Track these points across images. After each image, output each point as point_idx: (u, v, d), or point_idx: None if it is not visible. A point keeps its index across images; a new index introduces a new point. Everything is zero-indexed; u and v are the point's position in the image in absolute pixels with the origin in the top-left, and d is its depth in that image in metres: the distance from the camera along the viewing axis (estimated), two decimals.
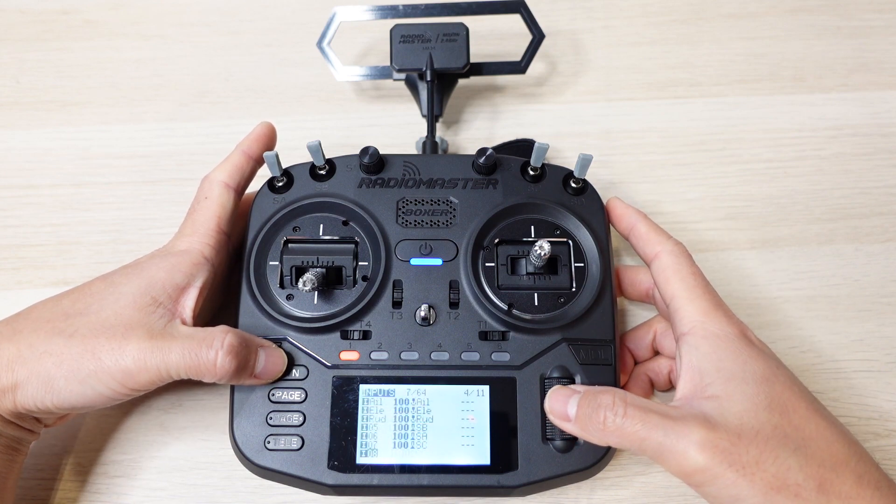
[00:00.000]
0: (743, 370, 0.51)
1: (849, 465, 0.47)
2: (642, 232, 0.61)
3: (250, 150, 0.64)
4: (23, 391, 0.52)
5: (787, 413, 0.49)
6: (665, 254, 0.58)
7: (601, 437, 0.50)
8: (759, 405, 0.49)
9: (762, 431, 0.47)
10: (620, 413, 0.49)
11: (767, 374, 0.51)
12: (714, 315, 0.54)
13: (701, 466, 0.46)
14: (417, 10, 0.75)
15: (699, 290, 0.56)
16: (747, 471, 0.46)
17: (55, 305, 0.56)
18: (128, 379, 0.52)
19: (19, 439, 0.56)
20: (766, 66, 0.82)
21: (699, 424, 0.47)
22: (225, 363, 0.53)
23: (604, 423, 0.49)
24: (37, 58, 0.84)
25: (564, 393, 0.53)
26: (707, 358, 0.52)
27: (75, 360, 0.52)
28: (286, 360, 0.58)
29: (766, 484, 0.46)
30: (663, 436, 0.47)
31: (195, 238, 0.59)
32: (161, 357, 0.52)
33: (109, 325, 0.54)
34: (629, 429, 0.48)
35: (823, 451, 0.48)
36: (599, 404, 0.50)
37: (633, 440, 0.48)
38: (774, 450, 0.47)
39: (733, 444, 0.46)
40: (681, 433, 0.47)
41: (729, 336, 0.53)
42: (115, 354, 0.52)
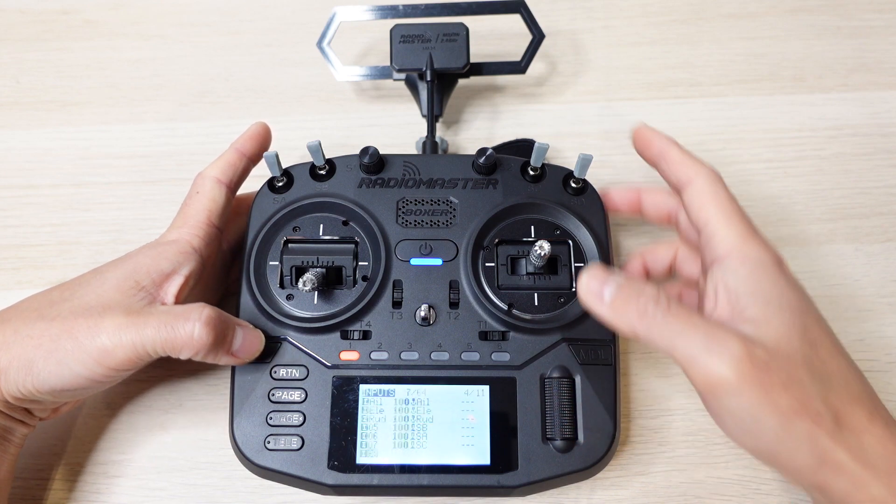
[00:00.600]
0: (780, 297, 0.50)
1: (862, 402, 0.48)
2: (675, 156, 0.58)
3: (244, 147, 0.64)
4: (5, 377, 0.52)
5: (816, 345, 0.49)
6: (700, 178, 0.56)
7: (634, 325, 0.49)
8: (794, 333, 0.49)
9: (794, 358, 0.48)
10: (664, 306, 0.49)
11: (801, 306, 0.51)
12: (752, 240, 0.53)
13: (729, 379, 0.46)
14: (417, 10, 0.75)
15: (737, 215, 0.54)
16: (773, 392, 0.46)
17: (44, 296, 0.56)
18: (104, 356, 0.52)
19: (10, 429, 0.56)
20: (766, 66, 0.82)
21: (739, 339, 0.47)
22: (203, 334, 0.53)
23: (643, 312, 0.49)
24: (37, 58, 0.84)
25: (604, 274, 0.52)
26: (745, 282, 0.51)
27: (53, 341, 0.52)
28: (263, 340, 0.58)
29: (788, 407, 0.46)
30: (703, 338, 0.47)
31: (185, 229, 0.59)
32: (137, 332, 0.52)
33: (90, 307, 0.54)
34: (669, 324, 0.48)
35: (843, 386, 0.48)
36: (643, 292, 0.50)
37: (668, 337, 0.48)
38: (801, 376, 0.47)
39: (766, 364, 0.46)
40: (721, 340, 0.47)
41: (766, 262, 0.52)
42: (91, 332, 0.52)
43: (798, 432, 0.46)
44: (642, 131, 0.61)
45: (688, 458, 0.63)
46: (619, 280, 0.51)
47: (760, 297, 0.50)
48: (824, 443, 0.46)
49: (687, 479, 0.63)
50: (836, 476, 0.46)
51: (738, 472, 0.63)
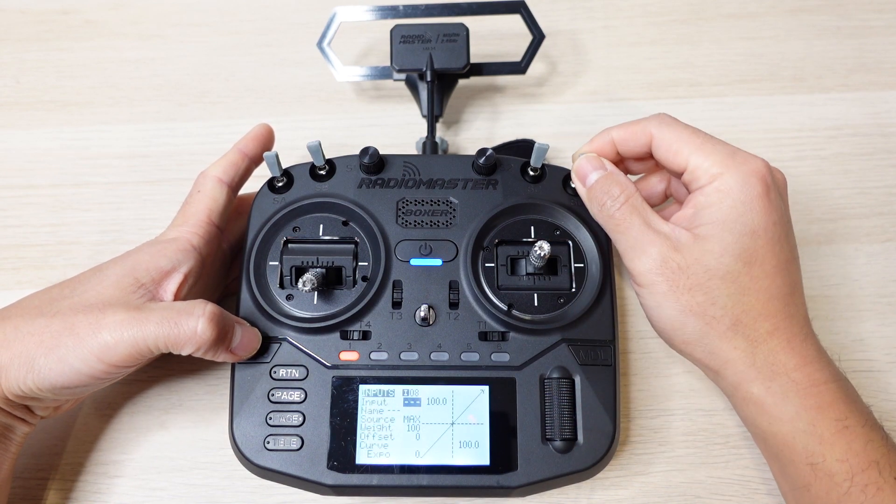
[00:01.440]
0: (736, 220, 0.54)
1: (771, 318, 0.54)
2: (622, 133, 0.60)
3: (246, 148, 0.64)
4: (6, 374, 0.52)
5: (752, 264, 0.54)
6: (655, 128, 0.59)
7: (595, 213, 0.59)
8: (728, 252, 0.54)
9: (714, 270, 0.54)
10: (618, 204, 0.57)
11: (758, 228, 0.55)
12: (733, 165, 0.56)
13: (646, 270, 0.55)
14: (418, 10, 0.75)
15: (709, 144, 0.57)
16: (678, 290, 0.54)
17: (45, 293, 0.57)
18: (105, 352, 0.52)
19: (11, 427, 0.56)
20: (766, 66, 0.82)
21: (666, 242, 0.55)
22: (206, 330, 0.53)
23: (602, 204, 0.58)
24: (37, 58, 0.84)
25: (595, 163, 0.59)
26: (709, 206, 0.55)
27: (54, 338, 0.52)
28: (260, 338, 0.59)
29: (686, 305, 0.54)
30: (635, 237, 0.56)
31: (185, 227, 0.60)
32: (138, 328, 0.52)
33: (90, 304, 0.54)
34: (616, 221, 0.57)
35: (759, 302, 0.54)
36: (608, 190, 0.58)
37: (613, 231, 0.58)
38: (714, 287, 0.54)
39: (680, 267, 0.54)
40: (649, 240, 0.55)
41: (744, 186, 0.55)
42: (92, 328, 0.52)
43: (690, 326, 0.55)
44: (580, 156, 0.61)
45: (688, 458, 0.63)
46: (602, 172, 0.59)
47: (713, 219, 0.55)
48: (713, 341, 0.55)
49: (687, 479, 0.63)
50: (724, 367, 0.55)
51: (738, 472, 0.63)
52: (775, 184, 0.57)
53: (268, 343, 0.59)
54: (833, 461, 0.52)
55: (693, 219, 0.56)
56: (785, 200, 0.58)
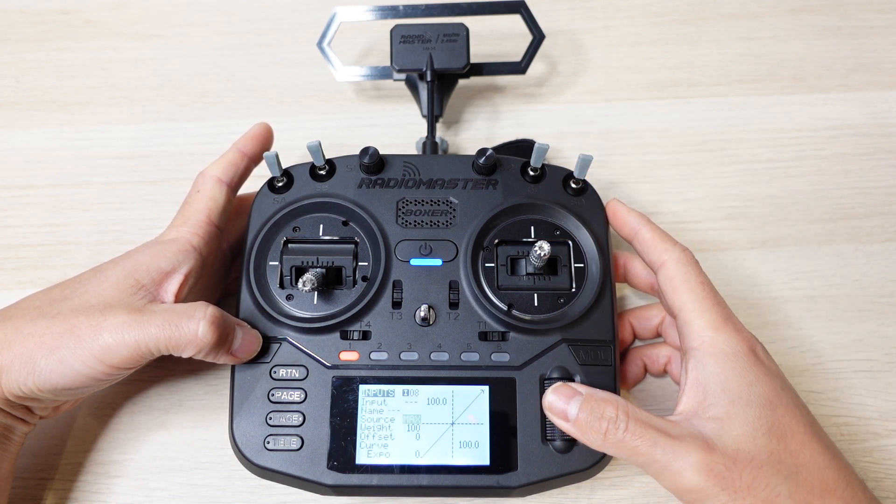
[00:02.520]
0: (748, 392, 0.51)
1: (836, 492, 0.49)
2: (646, 239, 0.59)
3: (246, 147, 0.64)
4: (7, 374, 0.52)
5: (786, 438, 0.50)
6: (671, 262, 0.57)
7: (600, 445, 0.52)
8: (758, 430, 0.50)
9: (758, 457, 0.49)
10: (622, 427, 0.50)
11: (772, 397, 0.51)
12: (724, 330, 0.54)
13: (695, 487, 0.48)
14: (418, 10, 0.75)
15: (708, 302, 0.55)
16: (739, 495, 0.48)
17: (46, 294, 0.56)
18: (106, 354, 0.52)
19: (11, 427, 0.56)
20: (766, 66, 0.82)
21: (698, 446, 0.49)
22: (207, 333, 0.53)
23: (605, 434, 0.51)
24: (37, 58, 0.84)
25: (566, 392, 0.54)
26: (714, 377, 0.52)
27: (55, 339, 0.52)
28: (261, 340, 0.58)
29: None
30: (662, 454, 0.49)
31: (184, 228, 0.60)
32: (140, 330, 0.52)
33: (91, 305, 0.54)
34: (629, 443, 0.50)
35: (814, 477, 0.49)
36: (602, 414, 0.51)
37: (632, 454, 0.50)
38: (767, 476, 0.48)
39: (728, 469, 0.48)
40: (679, 453, 0.49)
41: (738, 354, 0.53)
42: (93, 330, 0.52)
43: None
44: (614, 208, 0.62)
45: None
46: (579, 399, 0.53)
47: (727, 394, 0.51)
48: None
49: None
50: None
51: None
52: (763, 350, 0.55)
53: (268, 343, 0.59)
54: None
55: (703, 401, 0.52)
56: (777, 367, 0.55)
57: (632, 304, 0.69)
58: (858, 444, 0.63)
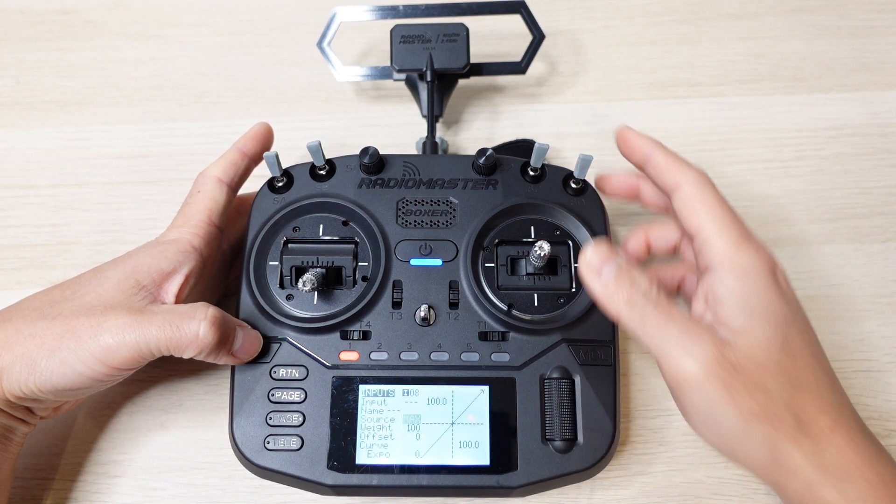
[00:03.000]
0: (766, 309, 0.51)
1: (829, 411, 0.50)
2: (660, 162, 0.58)
3: (246, 147, 0.64)
4: (7, 376, 0.52)
5: (795, 356, 0.50)
6: (688, 184, 0.56)
7: (620, 310, 0.51)
8: (773, 345, 0.50)
9: (766, 365, 0.49)
10: (652, 299, 0.50)
11: (787, 317, 0.51)
12: (744, 247, 0.53)
13: (694, 376, 0.48)
14: (417, 10, 0.75)
15: (727, 220, 0.54)
16: (735, 393, 0.48)
17: (45, 295, 0.56)
18: (107, 355, 0.52)
19: (11, 428, 0.56)
20: (766, 66, 0.82)
21: (711, 340, 0.49)
22: (208, 334, 0.53)
23: (631, 300, 0.51)
24: (37, 58, 0.84)
25: (607, 252, 0.52)
26: (732, 293, 0.51)
27: (56, 340, 0.52)
28: (261, 341, 0.59)
29: (749, 409, 0.48)
30: (678, 334, 0.49)
31: (185, 228, 0.60)
32: (140, 331, 0.52)
33: (91, 306, 0.54)
34: (652, 317, 0.50)
35: (813, 394, 0.50)
36: (636, 282, 0.51)
37: (649, 329, 0.50)
38: (770, 385, 0.49)
39: (733, 367, 0.48)
40: (693, 338, 0.49)
41: (758, 271, 0.52)
42: (94, 331, 0.52)
43: (756, 433, 0.48)
44: (625, 134, 0.60)
45: (688, 458, 0.63)
46: (620, 263, 0.52)
47: (745, 308, 0.51)
48: (781, 445, 0.48)
49: (687, 479, 0.63)
50: (791, 477, 0.49)
51: (738, 472, 0.63)
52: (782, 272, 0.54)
53: (268, 343, 0.59)
54: None
55: (718, 310, 0.52)
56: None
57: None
58: None
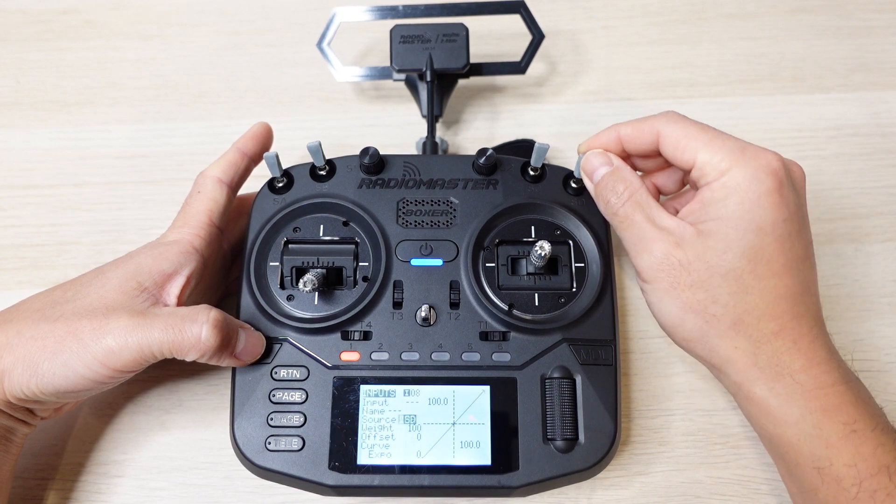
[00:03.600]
0: (742, 217, 0.53)
1: (778, 319, 0.53)
2: (629, 130, 0.59)
3: (245, 147, 0.64)
4: (10, 377, 0.52)
5: (759, 263, 0.53)
6: (663, 125, 0.57)
7: (602, 209, 0.59)
8: (731, 249, 0.53)
9: (716, 267, 0.53)
10: (623, 200, 0.57)
11: (766, 225, 0.53)
12: (742, 160, 0.53)
13: (648, 266, 0.55)
14: (417, 10, 0.75)
15: (718, 139, 0.55)
16: (679, 287, 0.54)
17: (46, 296, 0.56)
18: (110, 358, 0.52)
19: (12, 429, 0.56)
20: (766, 66, 0.82)
21: (668, 239, 0.54)
22: (210, 337, 0.53)
23: (608, 201, 0.58)
24: (37, 58, 0.84)
25: (602, 159, 0.59)
26: (716, 202, 0.54)
27: (58, 343, 0.52)
28: (264, 342, 0.59)
29: (686, 302, 0.54)
30: (645, 233, 0.55)
31: (185, 229, 0.60)
32: (143, 334, 0.52)
33: (93, 308, 0.54)
34: (620, 217, 0.57)
35: (765, 301, 0.53)
36: (612, 187, 0.58)
37: (618, 227, 0.57)
38: (715, 285, 0.53)
39: (682, 265, 0.54)
40: (651, 236, 0.55)
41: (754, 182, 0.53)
42: (96, 333, 0.52)
43: (690, 324, 0.54)
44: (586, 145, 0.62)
45: (688, 458, 0.63)
46: (609, 167, 0.59)
47: (719, 213, 0.53)
48: (713, 339, 0.54)
49: (687, 479, 0.63)
50: (727, 367, 0.54)
51: (738, 472, 0.63)
52: (789, 178, 0.54)
53: (269, 344, 0.59)
54: (840, 466, 0.51)
55: (699, 214, 0.54)
56: (801, 195, 0.56)
57: (634, 305, 0.69)
58: None
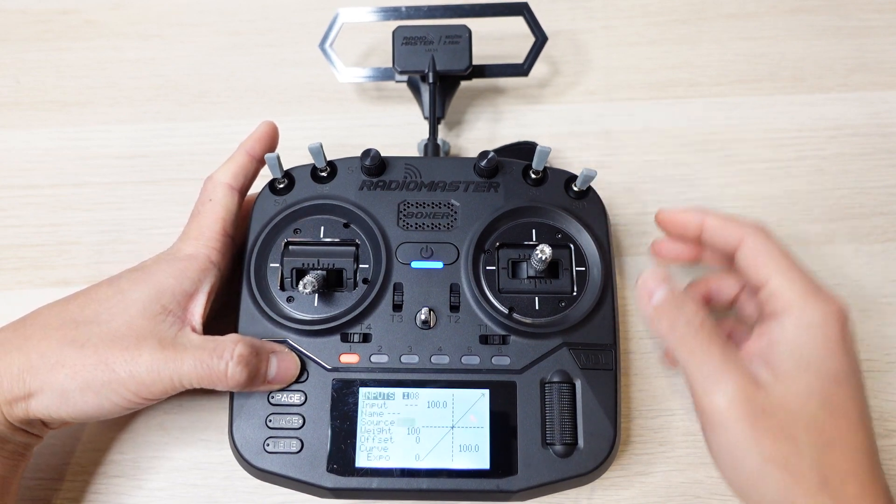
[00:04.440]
0: (819, 363, 0.50)
1: (860, 476, 0.48)
2: (716, 224, 0.58)
3: (253, 150, 0.63)
4: (37, 401, 0.52)
5: (836, 415, 0.49)
6: (750, 237, 0.55)
7: (664, 334, 0.52)
8: (812, 397, 0.49)
9: (799, 415, 0.48)
10: (694, 327, 0.51)
11: (840, 375, 0.50)
12: (813, 299, 0.51)
13: (721, 411, 0.48)
14: (420, 11, 0.75)
15: (796, 272, 0.53)
16: (760, 436, 0.47)
17: (63, 311, 0.56)
18: (142, 389, 0.53)
19: (26, 445, 0.56)
20: (766, 66, 0.82)
21: (745, 378, 0.49)
22: (236, 373, 0.54)
23: (673, 326, 0.51)
24: (37, 58, 0.84)
25: (661, 277, 0.53)
26: (789, 341, 0.51)
27: (89, 372, 0.52)
28: (299, 363, 0.58)
29: (770, 455, 0.47)
30: (712, 368, 0.49)
31: (201, 242, 0.59)
32: (174, 367, 0.53)
33: (121, 335, 0.54)
34: (690, 346, 0.50)
35: (847, 456, 0.48)
36: (682, 308, 0.52)
37: (686, 357, 0.51)
38: (799, 435, 0.48)
39: (762, 410, 0.48)
40: (726, 373, 0.49)
41: (824, 325, 0.51)
42: (128, 366, 0.52)
43: (773, 480, 0.47)
44: (666, 215, 0.61)
45: (688, 458, 0.64)
46: (670, 288, 0.52)
47: (795, 357, 0.50)
48: (797, 498, 0.47)
49: (687, 479, 0.63)
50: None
51: None
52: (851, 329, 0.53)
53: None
54: None
55: (769, 353, 0.51)
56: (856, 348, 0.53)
57: (632, 306, 0.69)
58: None
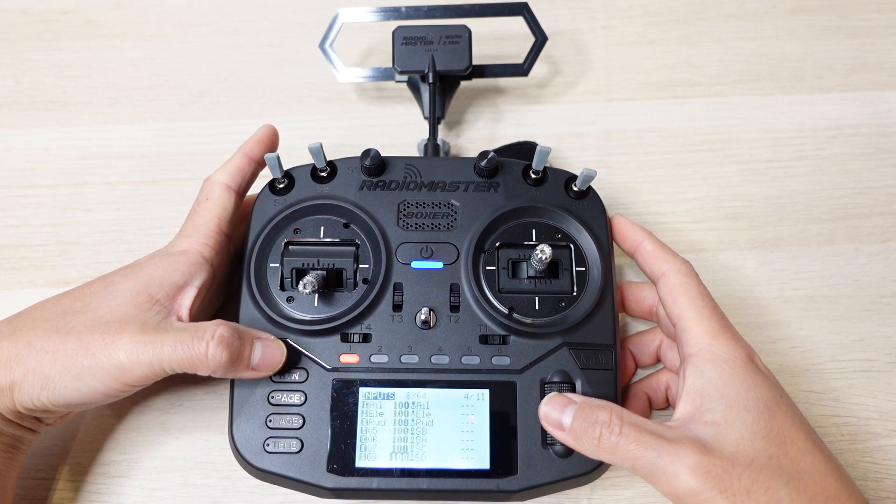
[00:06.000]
0: (746, 397, 0.51)
1: (840, 499, 0.48)
2: (648, 250, 0.60)
3: (252, 152, 0.64)
4: (20, 389, 0.52)
5: (785, 444, 0.49)
6: (672, 272, 0.58)
7: (595, 452, 0.50)
8: (757, 434, 0.49)
9: (757, 461, 0.48)
10: (616, 431, 0.49)
11: (770, 403, 0.51)
12: (722, 338, 0.54)
13: (692, 490, 0.47)
14: (420, 11, 0.75)
15: (707, 310, 0.56)
16: (738, 499, 0.47)
17: (55, 305, 0.56)
18: (121, 373, 0.52)
19: (20, 438, 0.56)
20: (766, 66, 0.82)
21: (693, 448, 0.48)
22: (216, 354, 0.53)
23: (599, 440, 0.50)
24: (37, 58, 0.84)
25: (561, 401, 0.53)
26: (711, 383, 0.52)
27: (69, 356, 0.52)
28: (285, 351, 0.58)
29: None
30: (656, 457, 0.48)
31: (195, 238, 0.59)
32: (154, 350, 0.52)
33: (104, 321, 0.54)
34: (623, 447, 0.49)
35: (817, 484, 0.48)
36: (596, 420, 0.50)
37: (627, 459, 0.49)
38: (767, 480, 0.47)
39: (726, 471, 0.47)
40: (675, 455, 0.48)
41: (736, 361, 0.53)
42: (107, 349, 0.52)
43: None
44: (618, 223, 0.63)
45: None
46: (574, 407, 0.52)
47: (725, 399, 0.51)
48: None
49: None
50: None
51: None
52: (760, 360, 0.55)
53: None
54: None
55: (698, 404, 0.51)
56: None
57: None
58: (858, 444, 0.63)
